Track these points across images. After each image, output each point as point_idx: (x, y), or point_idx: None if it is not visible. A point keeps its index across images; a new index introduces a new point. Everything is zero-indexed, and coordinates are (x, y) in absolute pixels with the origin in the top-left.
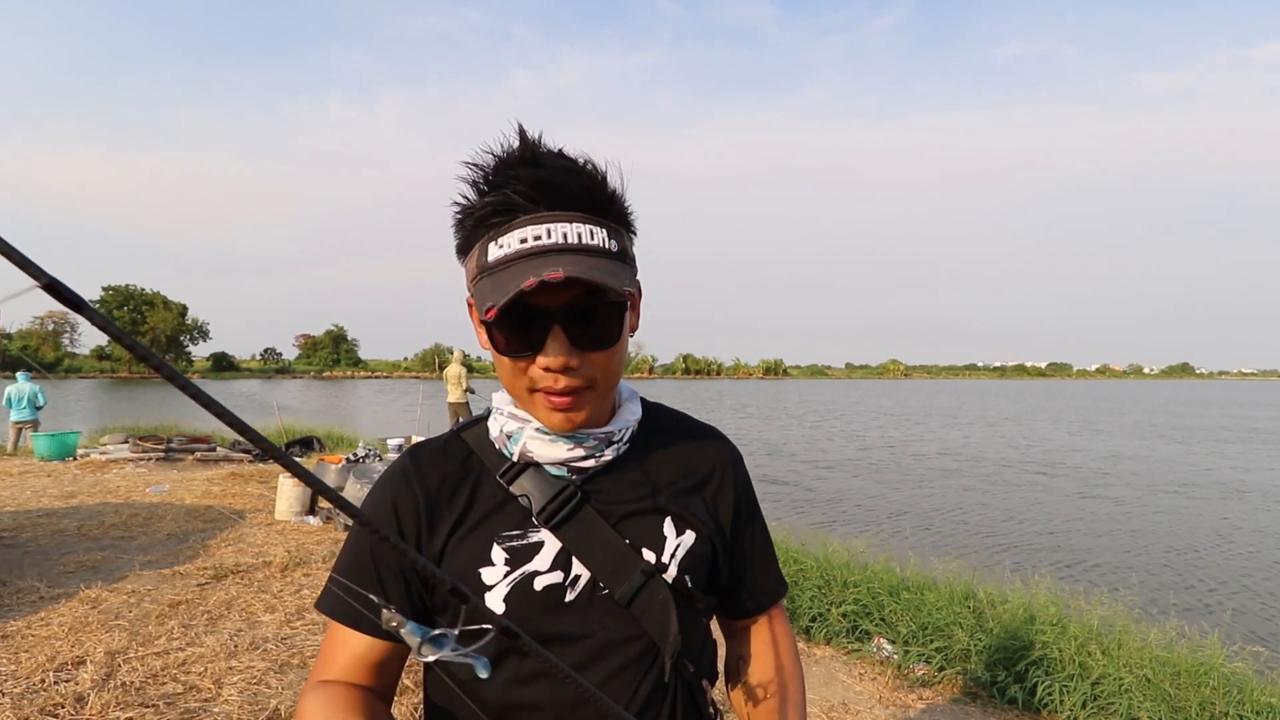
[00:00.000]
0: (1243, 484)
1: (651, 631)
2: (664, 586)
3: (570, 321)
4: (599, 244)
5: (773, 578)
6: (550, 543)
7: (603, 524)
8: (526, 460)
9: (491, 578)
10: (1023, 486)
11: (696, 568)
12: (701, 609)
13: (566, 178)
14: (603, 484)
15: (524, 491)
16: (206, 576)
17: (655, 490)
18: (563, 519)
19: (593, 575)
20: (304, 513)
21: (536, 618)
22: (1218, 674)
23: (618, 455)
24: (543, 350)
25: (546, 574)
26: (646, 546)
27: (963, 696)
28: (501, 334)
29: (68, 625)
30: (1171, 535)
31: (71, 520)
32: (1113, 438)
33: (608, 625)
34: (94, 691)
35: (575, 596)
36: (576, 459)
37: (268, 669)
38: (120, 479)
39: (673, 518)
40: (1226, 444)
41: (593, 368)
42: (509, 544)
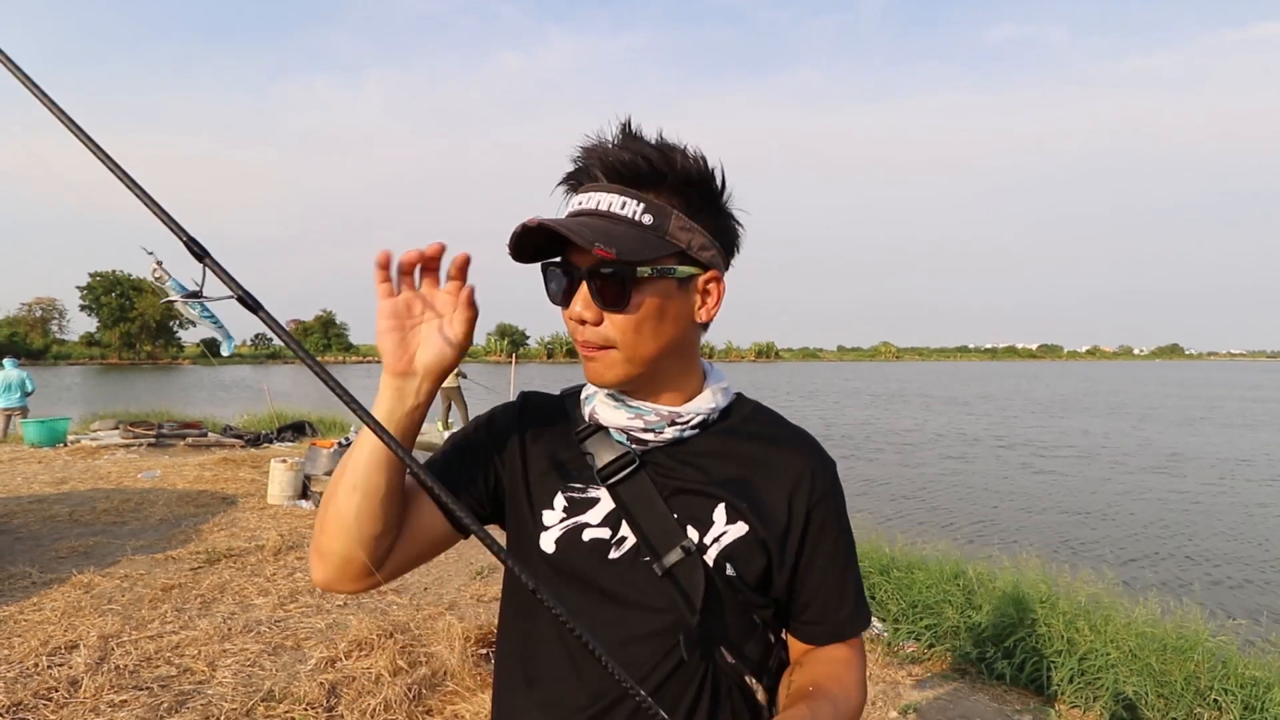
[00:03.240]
0: (1235, 461)
1: (683, 608)
2: (701, 567)
3: (592, 280)
4: (628, 215)
5: (848, 610)
6: (605, 501)
7: (655, 494)
8: (596, 423)
9: (549, 519)
10: (1013, 467)
11: (740, 560)
12: (748, 602)
13: (625, 156)
14: (664, 459)
15: (591, 450)
16: (199, 561)
17: (716, 477)
18: (619, 480)
19: (637, 541)
20: (296, 497)
21: (579, 564)
22: (1202, 648)
23: (683, 437)
24: (571, 302)
25: (595, 528)
26: (692, 525)
27: (952, 673)
28: (549, 282)
29: (60, 610)
30: (1159, 513)
31: (63, 506)
32: (1091, 417)
33: (642, 590)
34: (88, 675)
35: (619, 556)
36: (635, 429)
37: (261, 651)
38: (111, 465)
39: (727, 506)
40: (1213, 424)
41: (613, 329)
42: (570, 494)
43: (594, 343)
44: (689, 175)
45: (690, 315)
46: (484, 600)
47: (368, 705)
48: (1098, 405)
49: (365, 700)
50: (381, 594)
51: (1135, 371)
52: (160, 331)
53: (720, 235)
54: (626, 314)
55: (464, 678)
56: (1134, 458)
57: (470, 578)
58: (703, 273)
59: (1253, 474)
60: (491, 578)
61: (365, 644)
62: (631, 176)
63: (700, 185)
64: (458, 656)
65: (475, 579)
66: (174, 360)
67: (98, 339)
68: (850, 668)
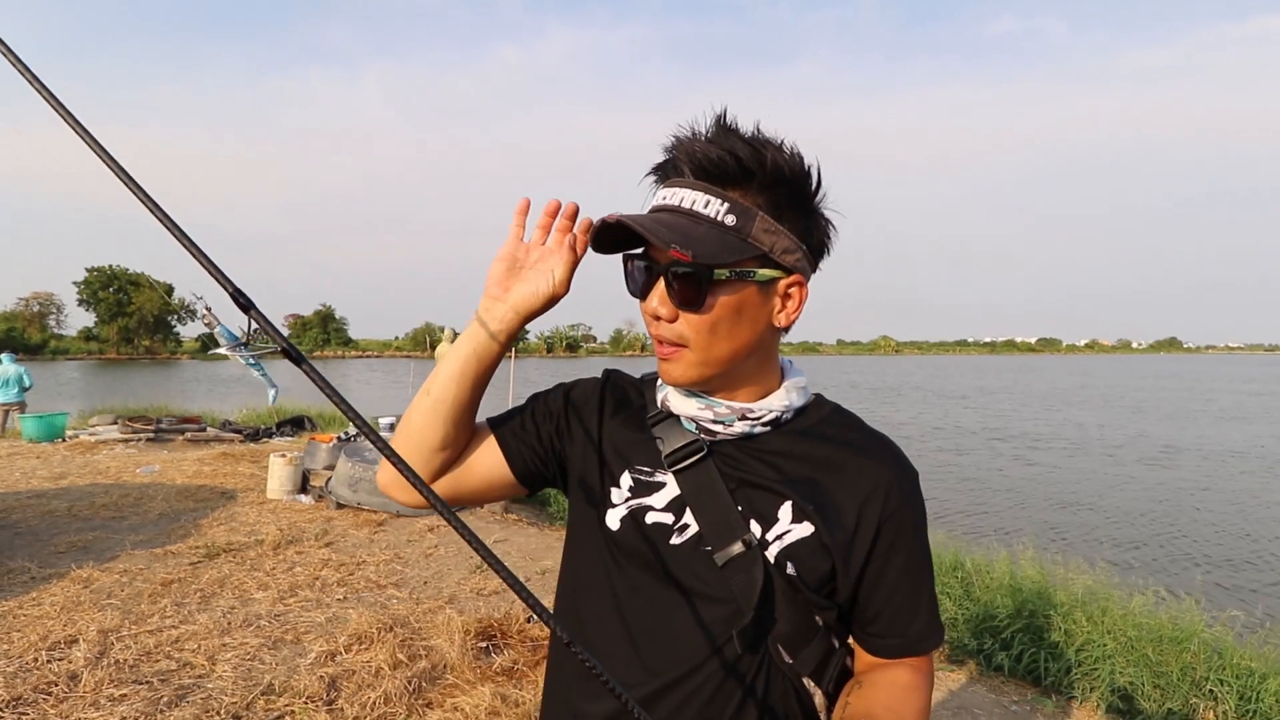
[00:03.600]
0: (1230, 453)
1: (740, 601)
2: (760, 562)
3: (668, 278)
4: (710, 214)
5: (919, 627)
6: (670, 487)
7: (720, 484)
8: (668, 410)
9: (616, 498)
10: (1006, 459)
11: (802, 560)
12: (808, 602)
13: (713, 152)
14: (734, 452)
15: (661, 435)
16: (199, 555)
17: (785, 476)
18: (685, 466)
19: (700, 530)
20: (295, 491)
21: (641, 546)
22: (1198, 639)
23: (753, 433)
24: (649, 296)
25: (659, 512)
26: (756, 519)
27: (950, 664)
28: (627, 276)
29: (60, 605)
30: (1155, 504)
31: (62, 501)
32: (1084, 410)
33: (701, 578)
34: (87, 669)
35: (679, 543)
36: (705, 419)
37: (261, 645)
38: (110, 460)
39: (794, 505)
40: (1208, 417)
41: (687, 328)
42: (638, 475)
43: (668, 340)
44: (779, 174)
45: (769, 319)
46: (484, 594)
47: (367, 699)
48: (1094, 399)
49: (365, 694)
50: (381, 588)
51: (1133, 365)
52: (159, 326)
53: (807, 237)
54: (701, 314)
55: (464, 671)
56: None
57: (470, 571)
58: (785, 276)
59: (1245, 466)
60: (491, 572)
61: (365, 638)
62: (718, 174)
63: (791, 184)
64: (457, 650)
65: (475, 573)
66: (173, 355)
67: (96, 334)
68: (912, 696)
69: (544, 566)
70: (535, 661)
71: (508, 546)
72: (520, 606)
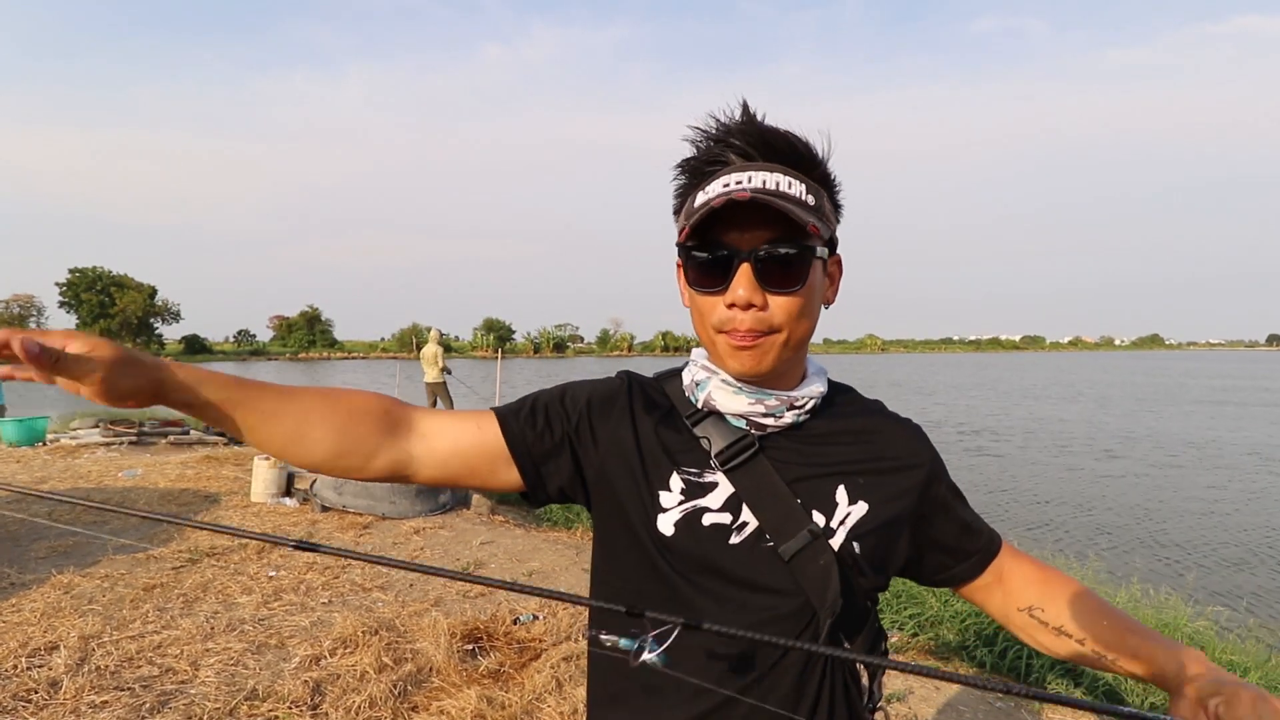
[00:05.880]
0: (1211, 448)
1: (810, 592)
2: (828, 550)
3: (759, 261)
4: (796, 195)
5: (985, 533)
6: (724, 486)
7: (776, 478)
8: (710, 408)
9: (668, 502)
10: (994, 455)
11: (866, 540)
12: (866, 585)
13: (774, 136)
14: (781, 443)
15: (705, 434)
16: (181, 560)
17: (835, 459)
18: (738, 465)
19: (760, 525)
20: (280, 494)
21: (700, 549)
22: (1181, 634)
23: (798, 421)
24: (729, 286)
25: (716, 513)
26: (817, 509)
27: (935, 661)
28: (694, 268)
29: (40, 611)
30: (1137, 499)
31: (42, 506)
32: (1052, 404)
33: (768, 573)
34: (68, 676)
35: (740, 541)
36: (756, 414)
37: (245, 650)
38: (92, 464)
39: (846, 486)
40: (1191, 409)
41: (779, 312)
42: (687, 476)
43: (756, 329)
44: (819, 156)
45: (823, 297)
46: (470, 596)
47: (353, 702)
48: (1069, 394)
49: (350, 697)
50: (366, 590)
51: (1116, 362)
52: (142, 328)
53: (837, 215)
54: (795, 296)
55: (450, 674)
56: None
57: None
58: (833, 254)
59: (1230, 461)
60: (477, 573)
61: (350, 641)
62: (787, 155)
63: (824, 166)
64: (443, 653)
65: None
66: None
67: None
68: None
69: (530, 568)
70: (521, 664)
71: (494, 549)
72: (506, 608)
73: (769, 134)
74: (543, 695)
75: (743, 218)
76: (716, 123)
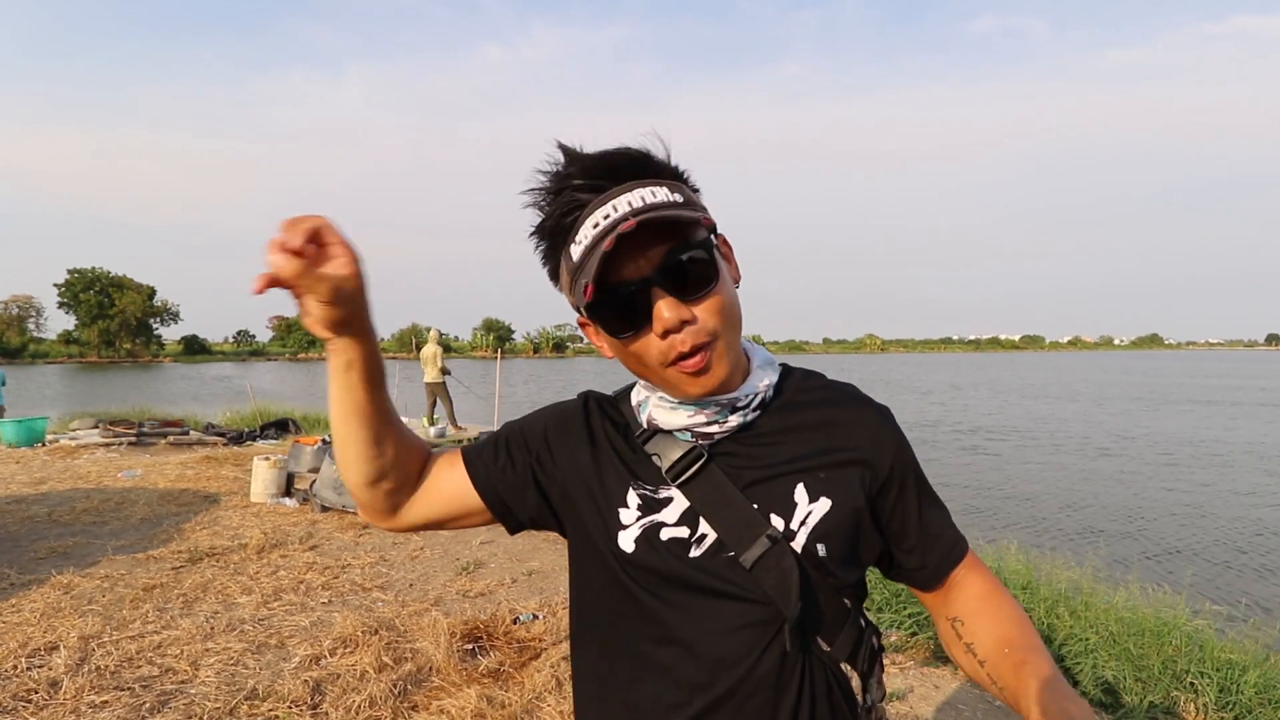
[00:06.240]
0: (1214, 449)
1: (776, 599)
2: (790, 554)
3: (668, 278)
4: (664, 200)
5: (948, 535)
6: (679, 500)
7: (730, 487)
8: (655, 428)
9: (627, 519)
10: (990, 454)
11: (833, 536)
12: (838, 584)
13: (614, 158)
14: (733, 448)
15: (656, 451)
16: (181, 560)
17: (789, 456)
18: (689, 478)
19: (719, 536)
20: (280, 495)
21: (661, 563)
22: (1180, 633)
23: (746, 421)
24: (653, 317)
25: (673, 527)
26: (775, 512)
27: (935, 660)
28: (610, 319)
29: (40, 611)
30: (1136, 498)
31: (42, 506)
32: (1063, 404)
33: (731, 584)
34: (68, 676)
35: (701, 553)
36: (698, 425)
37: (244, 650)
38: (91, 464)
39: (805, 484)
40: (1185, 408)
41: (709, 316)
42: (643, 492)
43: (697, 344)
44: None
45: (733, 278)
46: (469, 596)
47: (352, 702)
48: (1067, 393)
49: (350, 697)
50: (366, 590)
51: (1115, 361)
52: (140, 329)
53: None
54: (717, 293)
55: (449, 673)
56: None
57: (456, 573)
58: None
59: (1228, 459)
60: (477, 573)
61: (350, 641)
62: (635, 168)
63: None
64: (443, 652)
65: (461, 574)
66: (155, 358)
67: (76, 337)
68: (997, 593)
69: (530, 568)
70: (521, 663)
71: (494, 548)
72: (506, 608)
73: (605, 158)
74: (543, 694)
75: (629, 247)
76: (546, 175)
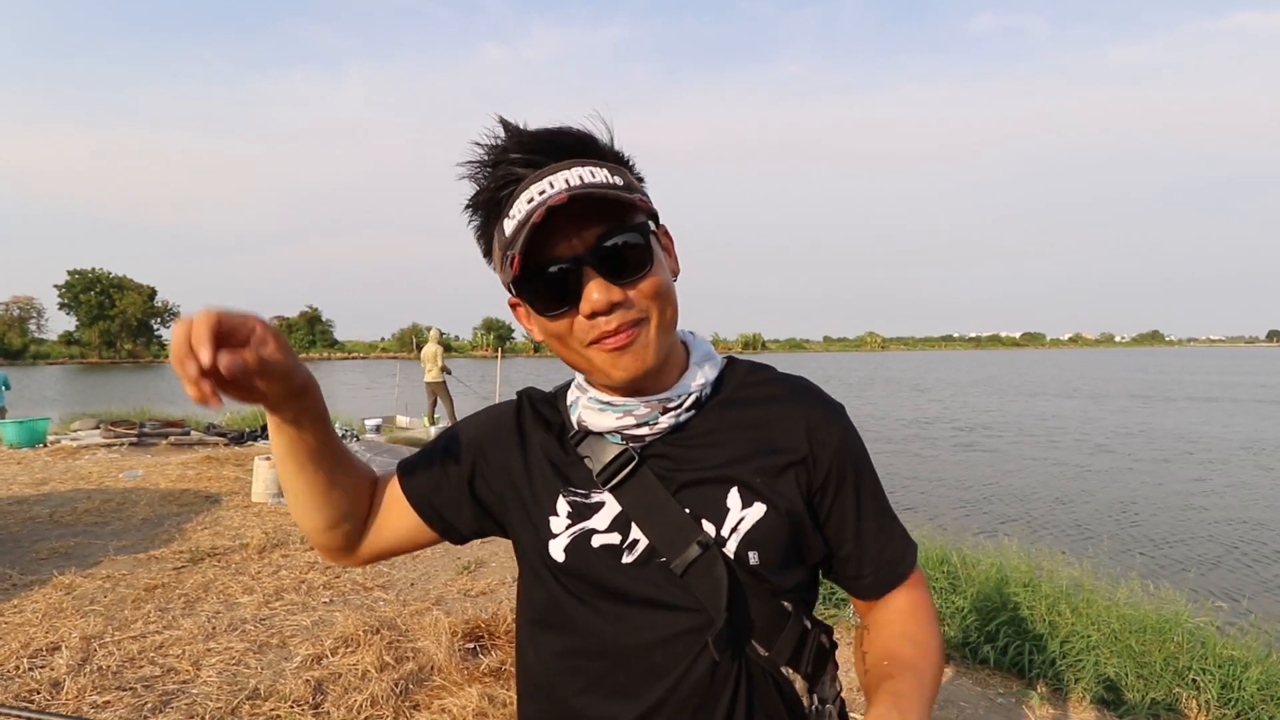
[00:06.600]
0: (1216, 445)
1: (708, 606)
2: (720, 561)
3: (601, 259)
4: (602, 180)
5: (892, 551)
6: (610, 505)
7: (662, 491)
8: (586, 430)
9: (556, 526)
10: (996, 452)
11: (766, 543)
12: (775, 588)
13: (555, 135)
14: (666, 450)
15: (588, 454)
16: (183, 560)
17: (724, 459)
18: (620, 482)
19: (650, 542)
20: (281, 494)
21: (592, 571)
22: (1182, 629)
23: (680, 421)
24: (582, 296)
25: (604, 534)
26: (706, 518)
27: None
28: (539, 296)
29: (41, 611)
30: (1140, 496)
31: (43, 507)
32: (1059, 401)
33: (664, 589)
34: (70, 676)
35: (632, 560)
36: (627, 427)
37: (246, 650)
38: (92, 465)
39: (740, 488)
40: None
41: (640, 299)
42: (573, 498)
43: (625, 325)
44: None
45: (670, 269)
46: (471, 595)
47: (354, 701)
48: (1065, 390)
49: (352, 696)
50: (368, 590)
51: (1115, 358)
52: (141, 330)
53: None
54: (650, 277)
55: (451, 672)
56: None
57: (457, 572)
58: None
59: (1225, 455)
60: (479, 572)
61: (351, 640)
62: (577, 147)
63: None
64: (445, 651)
65: (462, 573)
66: (156, 359)
67: (77, 338)
68: (916, 613)
69: None
70: None
71: (495, 547)
72: (508, 606)
73: (545, 134)
74: None
75: (563, 225)
76: (484, 148)
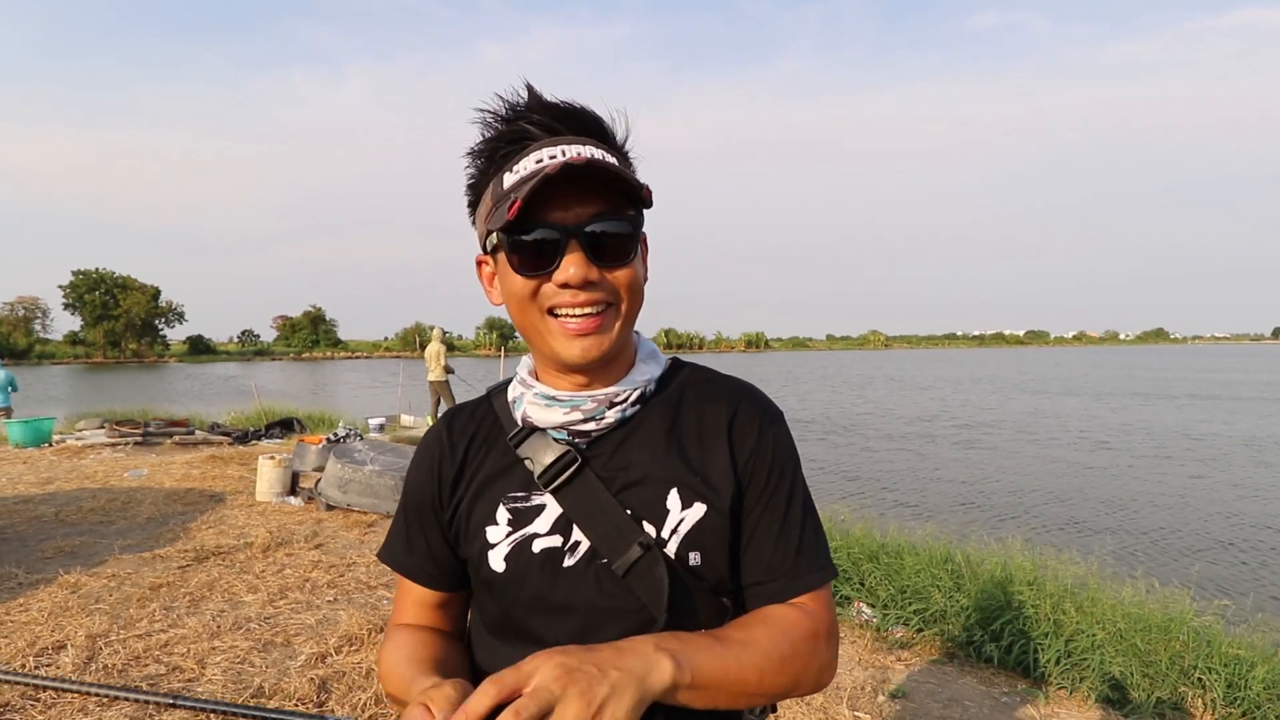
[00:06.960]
0: (1221, 443)
1: (651, 607)
2: (661, 562)
3: (589, 237)
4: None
5: (803, 563)
6: (551, 507)
7: (603, 492)
8: (531, 425)
9: (495, 536)
10: (997, 449)
11: (707, 544)
12: (716, 588)
13: (579, 110)
14: (608, 449)
15: (529, 455)
16: (187, 559)
17: (664, 458)
18: (562, 483)
19: (592, 544)
20: (285, 493)
21: (534, 579)
22: (1187, 628)
23: (625, 418)
24: (559, 265)
25: (545, 537)
26: (647, 519)
27: (941, 657)
28: (519, 252)
29: (47, 610)
30: (1143, 494)
31: (49, 506)
32: (1061, 399)
33: (607, 593)
34: (75, 674)
35: (574, 563)
36: (573, 423)
37: (251, 648)
38: (97, 464)
39: (680, 489)
40: (1180, 402)
41: (614, 285)
42: (513, 505)
43: (593, 304)
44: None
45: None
46: None
47: (358, 700)
48: (1066, 389)
49: (356, 695)
50: (372, 589)
51: (1119, 356)
52: (145, 329)
53: None
54: (628, 268)
55: None
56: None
57: None
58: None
59: (1225, 452)
60: None
61: (355, 639)
62: (598, 130)
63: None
64: None
65: None
66: (160, 358)
67: (82, 337)
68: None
69: None
70: None
71: None
72: None
73: (569, 107)
74: None
75: (563, 194)
76: (506, 103)
